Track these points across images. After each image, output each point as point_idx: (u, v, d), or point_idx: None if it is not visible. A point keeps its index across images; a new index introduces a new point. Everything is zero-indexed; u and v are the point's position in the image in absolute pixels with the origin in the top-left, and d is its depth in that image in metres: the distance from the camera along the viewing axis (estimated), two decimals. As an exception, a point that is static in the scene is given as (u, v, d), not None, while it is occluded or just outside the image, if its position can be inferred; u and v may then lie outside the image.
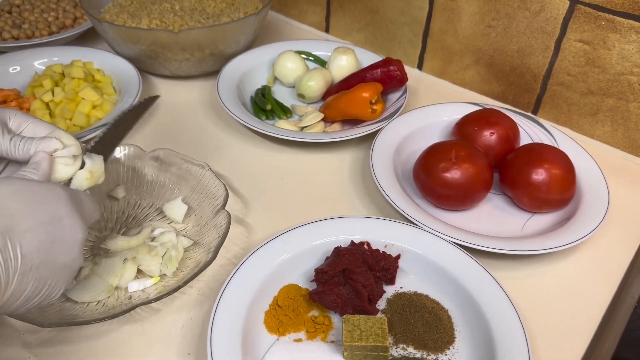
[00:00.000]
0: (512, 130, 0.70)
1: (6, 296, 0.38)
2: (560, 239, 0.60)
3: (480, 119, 0.71)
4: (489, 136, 0.69)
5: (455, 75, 0.89)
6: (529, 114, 0.83)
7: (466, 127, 0.72)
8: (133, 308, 0.52)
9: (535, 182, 0.63)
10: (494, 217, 0.67)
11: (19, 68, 0.84)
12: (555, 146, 0.71)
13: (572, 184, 0.64)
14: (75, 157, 0.49)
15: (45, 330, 0.53)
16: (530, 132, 0.76)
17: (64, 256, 0.42)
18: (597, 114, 0.77)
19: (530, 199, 0.65)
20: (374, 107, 0.76)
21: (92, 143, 0.52)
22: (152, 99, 0.60)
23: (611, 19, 0.70)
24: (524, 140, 0.74)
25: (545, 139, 0.74)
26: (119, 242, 0.58)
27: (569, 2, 0.72)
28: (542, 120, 0.78)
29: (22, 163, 0.48)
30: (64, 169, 0.48)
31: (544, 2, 0.74)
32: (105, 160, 0.52)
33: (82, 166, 0.49)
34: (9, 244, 0.38)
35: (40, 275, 0.40)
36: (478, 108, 0.76)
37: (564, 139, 0.74)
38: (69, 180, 0.49)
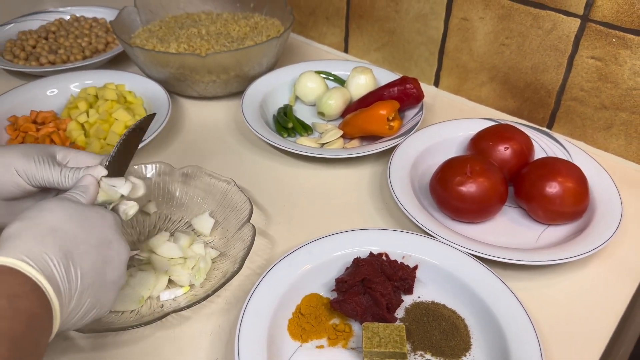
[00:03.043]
0: (526, 145, 0.73)
1: (66, 312, 0.42)
2: (574, 249, 0.61)
3: (494, 134, 0.74)
4: (504, 151, 0.71)
5: (471, 91, 0.91)
6: (544, 128, 0.85)
7: (481, 142, 0.74)
8: (165, 316, 0.55)
9: (549, 195, 0.65)
10: (509, 229, 0.69)
11: (56, 91, 0.89)
12: (569, 160, 0.73)
13: (585, 196, 0.66)
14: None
15: (83, 338, 0.56)
16: (544, 146, 0.78)
17: (113, 275, 0.46)
18: (611, 127, 0.79)
19: (544, 211, 0.67)
20: (391, 123, 0.78)
21: (106, 163, 0.53)
22: (150, 117, 0.63)
23: (622, 36, 0.72)
24: (539, 154, 0.76)
25: (560, 153, 0.76)
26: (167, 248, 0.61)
27: (580, 21, 0.74)
28: (556, 135, 0.80)
29: None
30: (109, 193, 0.52)
31: (555, 21, 0.77)
32: (122, 173, 0.55)
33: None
34: (71, 265, 0.42)
35: (95, 293, 0.44)
36: (493, 123, 0.78)
37: (578, 153, 0.75)
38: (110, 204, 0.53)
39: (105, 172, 0.52)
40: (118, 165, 0.55)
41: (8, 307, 0.36)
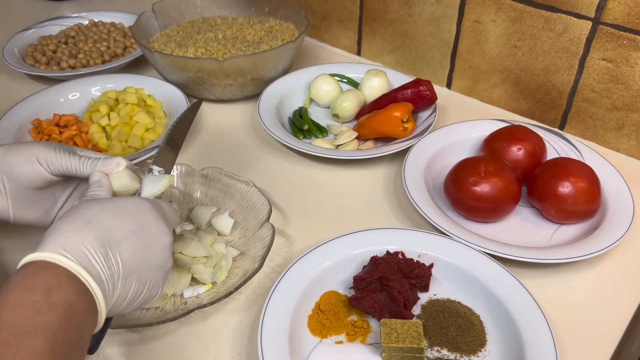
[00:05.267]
0: (539, 145, 0.74)
1: (114, 299, 0.44)
2: (586, 248, 0.63)
3: (507, 135, 0.75)
4: (517, 151, 0.73)
5: (484, 93, 0.93)
6: (556, 129, 0.86)
7: (494, 143, 0.75)
8: (188, 312, 0.57)
9: (561, 194, 0.67)
10: (522, 229, 0.70)
11: (78, 94, 0.91)
12: (581, 160, 0.74)
13: (597, 195, 0.67)
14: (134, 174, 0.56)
15: (110, 334, 0.58)
16: (556, 146, 0.79)
17: (156, 258, 0.47)
18: (623, 128, 0.80)
19: (557, 210, 0.68)
20: (405, 125, 0.80)
21: (155, 154, 0.58)
22: (197, 105, 0.66)
23: (633, 37, 0.73)
24: (551, 154, 0.77)
25: (572, 154, 0.77)
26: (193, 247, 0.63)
27: (591, 23, 0.76)
28: (568, 135, 0.81)
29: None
30: (124, 184, 0.54)
31: (567, 23, 0.78)
32: (170, 168, 0.59)
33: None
34: (110, 252, 0.44)
35: (140, 277, 0.46)
36: (506, 124, 0.80)
37: (590, 153, 0.77)
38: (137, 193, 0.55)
39: (124, 163, 0.54)
40: (166, 159, 0.58)
41: (43, 302, 0.38)
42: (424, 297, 0.61)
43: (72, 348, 0.38)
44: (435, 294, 0.61)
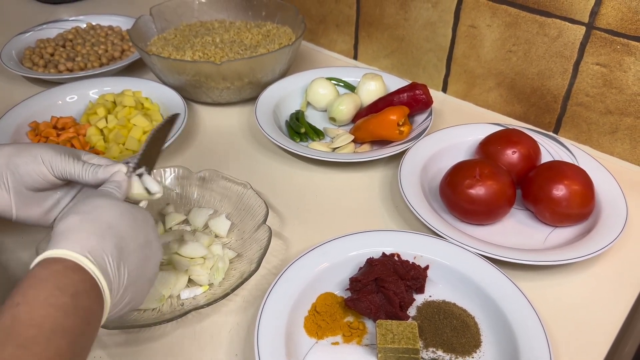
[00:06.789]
0: (533, 149, 0.75)
1: (111, 305, 0.44)
2: (580, 250, 0.63)
3: (502, 138, 0.76)
4: (511, 154, 0.73)
5: (479, 97, 0.93)
6: (551, 133, 0.87)
7: (489, 146, 0.76)
8: (185, 313, 0.57)
9: (556, 197, 0.67)
10: (517, 231, 0.71)
11: (75, 97, 0.92)
12: (575, 163, 0.75)
13: (591, 198, 0.68)
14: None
15: (106, 334, 0.58)
16: (551, 150, 0.80)
17: (149, 273, 0.49)
18: (616, 132, 0.81)
19: (551, 213, 0.69)
20: (401, 128, 0.81)
21: (135, 162, 0.57)
22: (174, 117, 0.66)
23: (626, 42, 0.74)
24: (545, 158, 0.78)
25: (566, 157, 0.78)
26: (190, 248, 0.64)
27: (585, 28, 0.77)
28: (562, 139, 0.82)
29: (92, 187, 0.56)
30: (138, 189, 0.55)
31: (561, 28, 0.79)
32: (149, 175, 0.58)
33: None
34: (121, 262, 0.45)
35: (134, 289, 0.47)
36: (500, 128, 0.80)
37: (584, 157, 0.77)
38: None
39: (125, 169, 0.55)
40: (146, 164, 0.58)
41: (71, 304, 0.39)
42: (419, 299, 0.61)
43: (86, 352, 0.40)
44: (430, 296, 0.62)
